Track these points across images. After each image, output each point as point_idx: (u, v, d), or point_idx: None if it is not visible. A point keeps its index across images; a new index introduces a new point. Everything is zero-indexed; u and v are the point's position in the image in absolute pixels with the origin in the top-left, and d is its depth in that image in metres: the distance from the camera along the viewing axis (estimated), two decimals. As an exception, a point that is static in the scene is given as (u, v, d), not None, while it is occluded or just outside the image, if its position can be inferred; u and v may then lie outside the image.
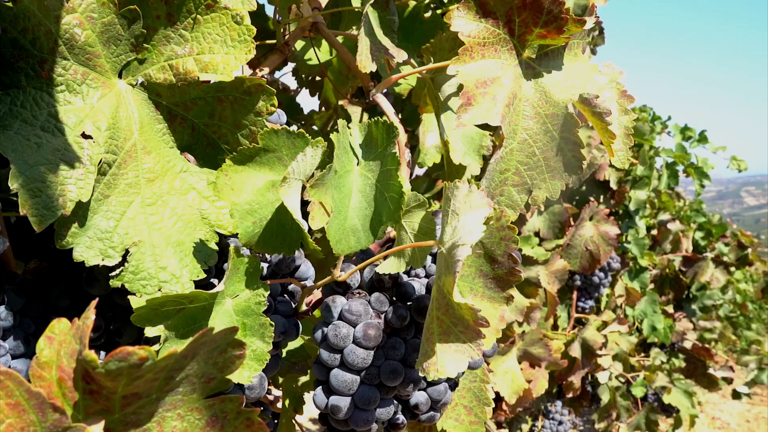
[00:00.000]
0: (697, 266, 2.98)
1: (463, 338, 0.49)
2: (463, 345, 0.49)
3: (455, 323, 0.49)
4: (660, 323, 2.63)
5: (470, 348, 0.49)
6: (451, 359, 0.50)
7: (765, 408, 9.67)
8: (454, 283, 0.45)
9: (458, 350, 0.50)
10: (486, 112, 0.65)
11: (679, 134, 3.10)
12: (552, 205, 1.93)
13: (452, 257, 0.47)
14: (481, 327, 0.48)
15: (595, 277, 2.12)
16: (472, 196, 0.51)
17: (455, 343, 0.50)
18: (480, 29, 0.67)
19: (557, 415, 2.35)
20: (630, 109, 0.75)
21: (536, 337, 1.75)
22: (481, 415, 0.85)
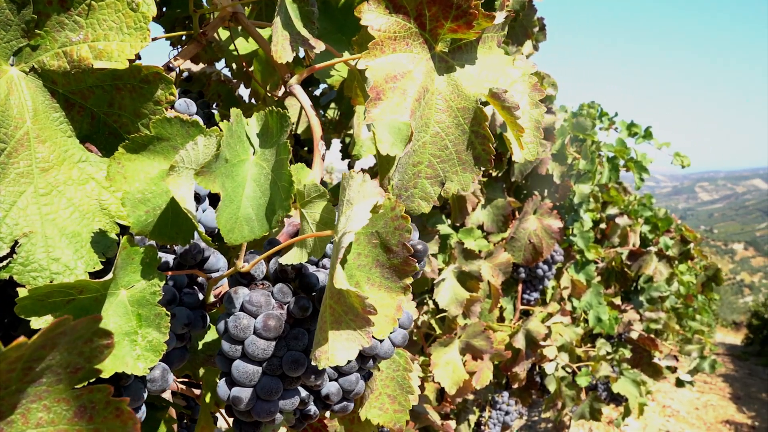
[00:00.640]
0: (642, 260, 3.07)
1: (353, 326, 0.50)
2: (354, 333, 0.50)
3: (346, 312, 0.50)
4: (605, 314, 2.70)
5: (360, 336, 0.50)
6: (342, 347, 0.50)
7: (714, 396, 10.02)
8: (335, 271, 0.46)
9: (349, 338, 0.50)
10: (395, 107, 0.66)
11: (626, 130, 3.18)
12: (496, 199, 1.96)
13: (338, 246, 0.47)
14: (369, 315, 0.49)
15: (539, 270, 2.16)
16: (365, 186, 0.52)
17: (346, 331, 0.50)
18: (390, 23, 0.68)
19: (504, 405, 2.39)
20: (541, 102, 0.76)
21: (478, 330, 1.77)
22: (404, 403, 0.86)
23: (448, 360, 1.74)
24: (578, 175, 2.23)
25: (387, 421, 0.83)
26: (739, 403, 9.32)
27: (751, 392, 10.74)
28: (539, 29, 1.90)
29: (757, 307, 21.55)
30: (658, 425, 6.75)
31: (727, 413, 8.37)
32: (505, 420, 2.38)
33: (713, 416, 8.00)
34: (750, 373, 14.03)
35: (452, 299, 1.70)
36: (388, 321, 0.54)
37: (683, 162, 3.21)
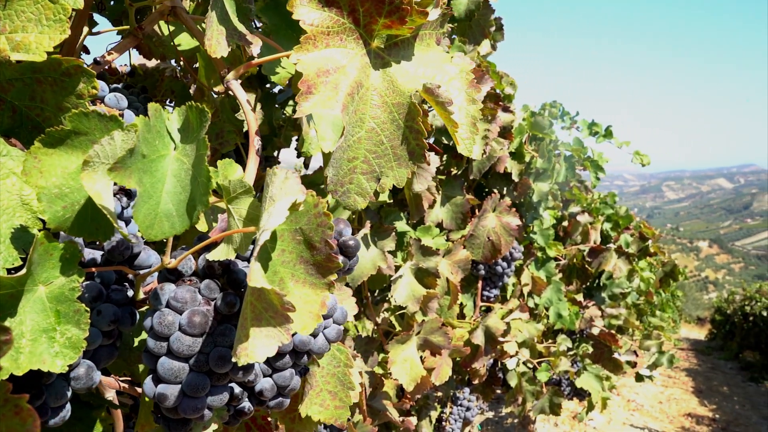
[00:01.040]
0: (602, 256, 3.12)
1: (273, 323, 0.50)
2: (274, 330, 0.50)
3: (266, 308, 0.50)
4: (565, 311, 2.74)
5: (280, 333, 0.50)
6: (262, 344, 0.50)
7: (677, 390, 10.25)
8: (251, 268, 0.46)
9: (269, 335, 0.50)
10: (326, 101, 0.66)
11: (587, 129, 3.23)
12: (455, 197, 1.97)
13: (255, 243, 0.47)
14: (288, 312, 0.49)
15: (498, 267, 2.18)
16: (287, 183, 0.52)
17: (266, 327, 0.50)
18: (323, 18, 0.68)
19: (465, 401, 2.41)
20: (478, 99, 0.77)
21: (435, 326, 1.78)
22: (345, 399, 0.87)
23: (406, 357, 1.75)
24: (537, 174, 2.26)
25: (328, 418, 0.84)
26: (701, 397, 9.55)
27: (712, 386, 11.02)
28: (497, 29, 1.92)
29: (720, 303, 22.12)
30: (622, 419, 6.88)
31: (689, 406, 8.58)
32: (466, 416, 2.40)
33: (676, 410, 8.19)
34: (713, 367, 14.40)
35: (409, 296, 1.70)
36: (313, 317, 0.54)
37: (642, 161, 3.28)
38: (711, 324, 23.02)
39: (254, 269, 0.46)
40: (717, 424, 7.49)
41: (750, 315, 14.60)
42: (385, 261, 1.57)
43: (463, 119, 0.76)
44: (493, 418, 5.50)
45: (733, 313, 17.28)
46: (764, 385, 11.78)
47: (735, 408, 8.87)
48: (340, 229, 0.67)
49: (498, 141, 1.92)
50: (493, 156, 1.91)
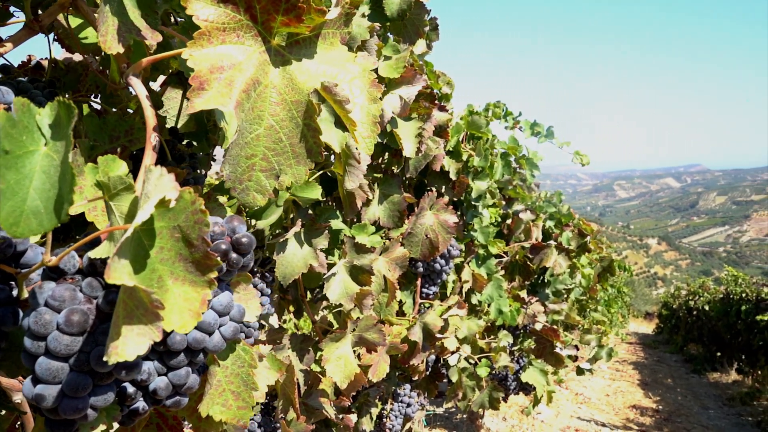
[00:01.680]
0: (543, 253, 3.19)
1: (144, 321, 0.49)
2: (145, 327, 0.50)
3: (137, 306, 0.49)
4: (506, 307, 2.79)
5: (151, 330, 0.50)
6: (133, 342, 0.50)
7: (624, 383, 10.55)
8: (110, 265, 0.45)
9: (140, 333, 0.50)
10: (218, 97, 0.66)
11: (529, 129, 3.29)
12: (392, 195, 1.98)
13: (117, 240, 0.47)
14: (157, 309, 0.48)
15: (436, 264, 2.21)
16: (162, 181, 0.51)
17: (137, 325, 0.50)
18: (219, 14, 0.67)
19: (406, 397, 2.43)
20: (380, 99, 0.78)
21: (370, 323, 1.79)
22: (248, 399, 0.86)
23: (340, 354, 1.75)
24: (476, 172, 2.29)
25: (230, 418, 0.83)
26: (646, 389, 9.86)
27: (657, 378, 11.39)
28: (432, 29, 1.94)
29: (666, 298, 22.89)
30: (570, 412, 7.05)
31: (634, 398, 8.85)
32: (407, 412, 2.42)
33: (622, 402, 8.44)
34: (659, 360, 14.89)
35: (342, 293, 1.71)
36: (193, 315, 0.54)
37: (582, 160, 3.36)
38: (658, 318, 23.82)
39: (112, 266, 0.46)
40: (660, 415, 7.75)
41: (694, 309, 15.14)
42: (316, 259, 1.57)
43: (363, 118, 0.76)
44: (443, 414, 5.56)
45: (678, 307, 17.90)
46: (706, 376, 12.25)
47: (678, 399, 9.20)
48: (234, 227, 0.67)
49: (433, 140, 1.94)
50: (429, 154, 1.93)
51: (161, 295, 0.53)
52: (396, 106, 1.63)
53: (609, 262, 3.79)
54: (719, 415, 8.31)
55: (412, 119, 1.77)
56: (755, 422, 7.76)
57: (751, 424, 7.78)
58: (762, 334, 8.42)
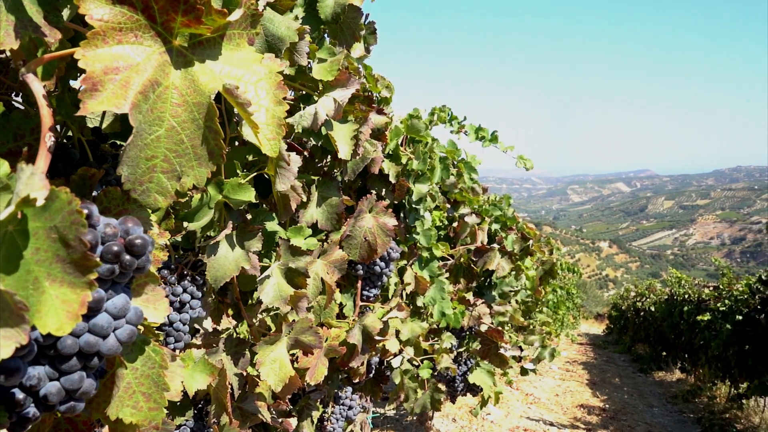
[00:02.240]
0: (487, 256, 3.25)
1: (10, 323, 0.49)
2: (11, 330, 0.49)
3: (2, 309, 0.49)
4: (449, 309, 2.82)
5: (17, 333, 0.49)
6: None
7: (573, 382, 10.79)
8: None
9: (6, 336, 0.49)
10: (113, 99, 0.65)
11: (474, 134, 3.35)
12: (331, 198, 1.98)
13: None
14: (22, 312, 0.48)
15: (376, 267, 2.22)
16: (33, 179, 0.50)
17: (3, 328, 0.49)
18: (114, 14, 0.66)
19: (347, 400, 2.44)
20: (284, 100, 0.78)
21: (306, 326, 1.79)
22: (160, 401, 0.85)
23: (275, 357, 1.74)
24: (417, 175, 2.32)
25: (141, 420, 0.82)
26: (594, 388, 10.11)
27: (606, 377, 11.70)
28: (370, 33, 1.96)
29: (616, 299, 23.54)
30: (519, 412, 7.17)
31: (583, 398, 9.06)
32: (348, 414, 2.43)
33: (570, 401, 8.63)
34: (607, 360, 15.30)
35: (277, 296, 1.70)
36: (71, 317, 0.53)
37: (526, 164, 3.44)
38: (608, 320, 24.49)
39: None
40: (606, 413, 7.96)
41: (641, 310, 15.61)
42: (248, 262, 1.56)
43: (267, 120, 0.76)
44: (394, 416, 5.58)
45: (626, 309, 18.42)
46: (652, 375, 12.64)
47: (624, 398, 9.46)
48: (127, 228, 0.66)
49: (371, 142, 1.96)
50: (367, 157, 1.94)
51: (37, 297, 0.52)
52: (330, 109, 1.64)
53: (551, 265, 3.88)
54: (663, 413, 8.59)
55: (348, 122, 1.78)
56: (696, 419, 8.05)
57: (692, 420, 8.06)
58: (702, 333, 8.74)
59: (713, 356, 8.20)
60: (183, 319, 1.54)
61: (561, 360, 14.00)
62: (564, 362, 13.67)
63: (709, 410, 8.40)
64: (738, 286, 8.23)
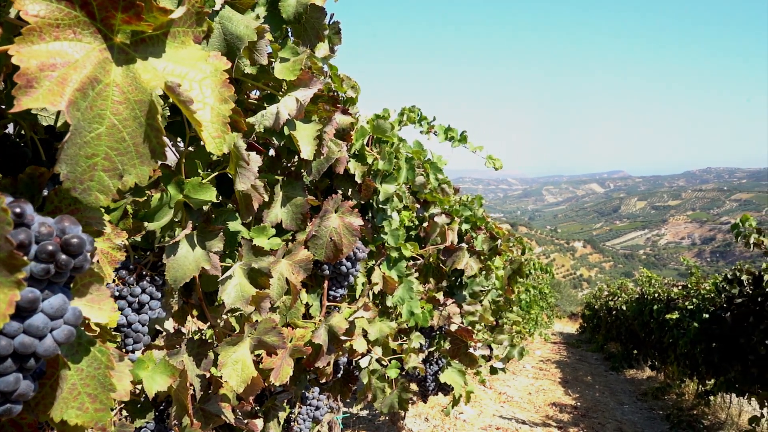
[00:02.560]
0: (455, 255, 3.26)
1: (-69, 323, 0.48)
2: (-68, 330, 0.48)
3: (-77, 308, 0.48)
4: (417, 308, 2.83)
5: (-62, 333, 0.48)
6: None
7: (546, 381, 10.91)
8: None
9: (-73, 336, 0.48)
10: (49, 96, 0.64)
11: (443, 134, 3.36)
12: (296, 197, 1.98)
13: None
14: (-58, 310, 0.47)
15: (342, 267, 2.22)
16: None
17: (-76, 328, 0.48)
18: (51, 10, 0.66)
19: (314, 400, 2.43)
20: (229, 98, 0.78)
21: (269, 326, 1.78)
22: (106, 401, 0.84)
23: (237, 358, 1.73)
24: (384, 175, 2.32)
25: (87, 421, 0.81)
26: (567, 387, 10.23)
27: (578, 376, 11.85)
28: (334, 33, 1.95)
29: (589, 299, 23.86)
30: (492, 411, 7.22)
31: (555, 396, 9.16)
32: (315, 415, 2.42)
33: (543, 400, 8.72)
34: (580, 358, 15.49)
35: (238, 296, 1.69)
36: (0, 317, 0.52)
37: (495, 164, 3.47)
38: (581, 318, 24.80)
39: None
40: (578, 411, 8.06)
41: (613, 309, 15.83)
42: (208, 262, 1.54)
43: (212, 118, 0.76)
44: (367, 416, 5.58)
45: (599, 308, 18.66)
46: (623, 373, 12.84)
47: (596, 396, 9.59)
48: (64, 227, 0.65)
49: (336, 142, 1.95)
50: (332, 157, 1.94)
51: (-38, 296, 0.51)
52: (292, 108, 1.63)
53: (518, 264, 3.92)
54: (633, 410, 8.72)
55: (311, 122, 1.78)
56: (665, 416, 8.19)
57: (660, 417, 8.21)
58: (671, 332, 8.90)
59: (681, 354, 8.35)
60: (142, 320, 1.52)
61: (535, 359, 14.15)
62: (538, 361, 13.81)
63: (677, 407, 8.56)
64: (705, 285, 8.40)
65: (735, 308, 6.63)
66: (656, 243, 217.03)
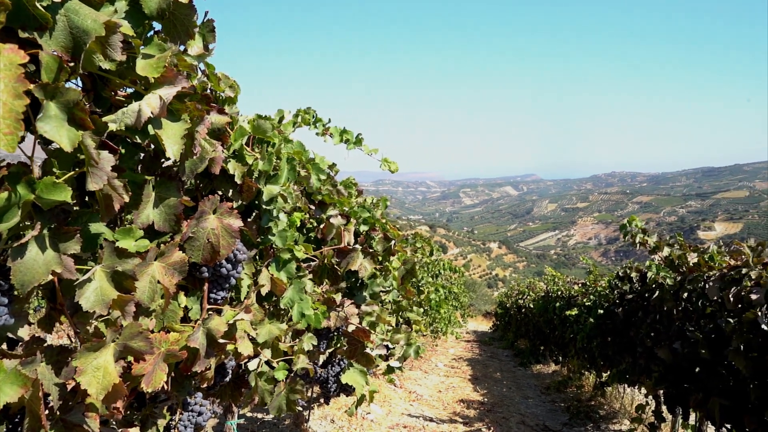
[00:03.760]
0: (349, 257, 3.29)
1: None
2: None
3: None
4: (308, 309, 2.83)
5: None
6: None
7: (457, 379, 11.17)
8: None
9: None
10: None
11: (338, 136, 3.38)
12: (169, 198, 1.93)
13: None
14: None
15: (222, 269, 2.18)
16: None
17: None
18: None
19: (197, 406, 2.37)
20: (24, 94, 0.75)
21: (135, 331, 1.73)
22: None
23: (99, 365, 1.66)
24: (268, 176, 2.30)
25: None
26: (476, 383, 10.53)
27: (488, 372, 12.21)
28: (209, 31, 1.92)
29: (501, 297, 24.66)
30: (401, 410, 7.31)
31: (464, 393, 9.40)
32: (197, 421, 2.36)
33: (452, 397, 8.92)
34: (492, 356, 15.97)
35: (98, 300, 1.62)
36: None
37: (390, 167, 3.52)
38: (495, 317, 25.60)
39: None
40: (484, 406, 8.31)
41: (522, 308, 16.45)
42: (61, 265, 1.48)
43: (3, 113, 0.73)
44: (272, 420, 5.51)
45: (510, 306, 19.34)
46: (531, 368, 13.36)
47: (503, 391, 9.92)
48: None
49: (210, 142, 1.92)
50: (205, 157, 1.91)
51: None
52: (155, 106, 1.59)
53: (411, 265, 4.00)
54: (537, 403, 9.09)
55: (180, 120, 1.74)
56: (565, 407, 8.59)
57: (561, 409, 8.60)
58: (572, 327, 9.35)
59: (580, 348, 8.79)
60: (-15, 328, 1.43)
61: (448, 357, 14.47)
62: (450, 359, 14.12)
63: (577, 398, 9.00)
64: (602, 283, 8.87)
65: (626, 304, 7.05)
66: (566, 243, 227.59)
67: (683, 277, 5.27)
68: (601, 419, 7.73)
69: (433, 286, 9.91)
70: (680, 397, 5.01)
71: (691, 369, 4.83)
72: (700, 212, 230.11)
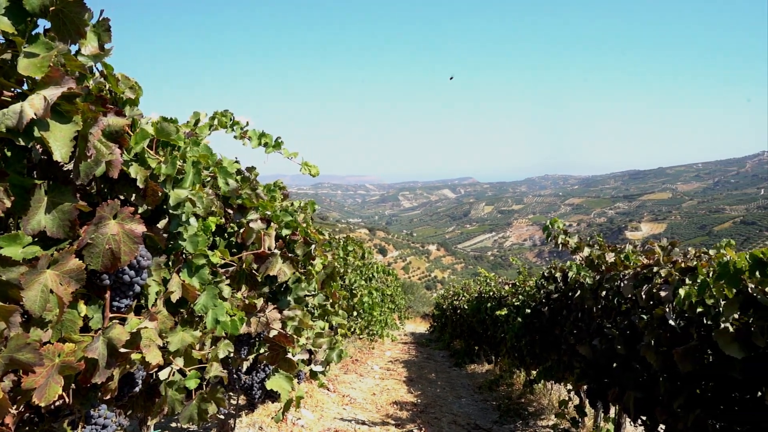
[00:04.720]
0: (268, 261, 3.25)
1: None
2: None
3: None
4: (223, 316, 2.77)
5: None
6: None
7: (392, 381, 11.21)
8: None
9: None
10: None
11: (257, 140, 3.34)
12: (63, 203, 1.85)
13: None
14: None
15: (125, 276, 2.11)
16: None
17: None
18: None
19: (101, 419, 2.28)
20: None
21: (22, 342, 1.65)
22: None
23: (-21, 379, 1.58)
24: (175, 180, 2.25)
25: None
26: (410, 385, 10.60)
27: (423, 374, 12.33)
28: (104, 30, 1.86)
29: (438, 299, 24.97)
30: (333, 414, 7.28)
31: (398, 395, 9.45)
32: (102, 434, 2.27)
33: (385, 399, 8.95)
34: (428, 357, 16.13)
35: (-21, 311, 1.54)
36: None
37: (311, 171, 3.50)
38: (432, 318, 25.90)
39: None
40: (417, 408, 8.38)
41: (458, 308, 16.70)
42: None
43: None
44: (199, 430, 5.38)
45: (446, 307, 19.60)
46: (465, 369, 13.58)
47: (437, 392, 10.04)
48: None
49: (106, 145, 1.86)
50: (101, 160, 1.84)
51: None
52: (39, 107, 1.53)
53: (332, 269, 4.00)
54: (469, 402, 9.25)
55: (71, 122, 1.67)
56: (496, 406, 8.77)
57: (493, 407, 8.78)
58: (502, 327, 9.56)
59: (511, 347, 9.00)
60: None
61: (384, 360, 14.51)
62: (387, 362, 14.17)
63: (507, 397, 9.21)
64: (530, 283, 9.12)
65: (552, 303, 7.28)
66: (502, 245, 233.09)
67: (602, 276, 5.48)
68: (529, 416, 7.94)
69: (366, 289, 9.93)
70: (600, 391, 5.20)
71: (608, 364, 5.02)
72: (628, 213, 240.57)
